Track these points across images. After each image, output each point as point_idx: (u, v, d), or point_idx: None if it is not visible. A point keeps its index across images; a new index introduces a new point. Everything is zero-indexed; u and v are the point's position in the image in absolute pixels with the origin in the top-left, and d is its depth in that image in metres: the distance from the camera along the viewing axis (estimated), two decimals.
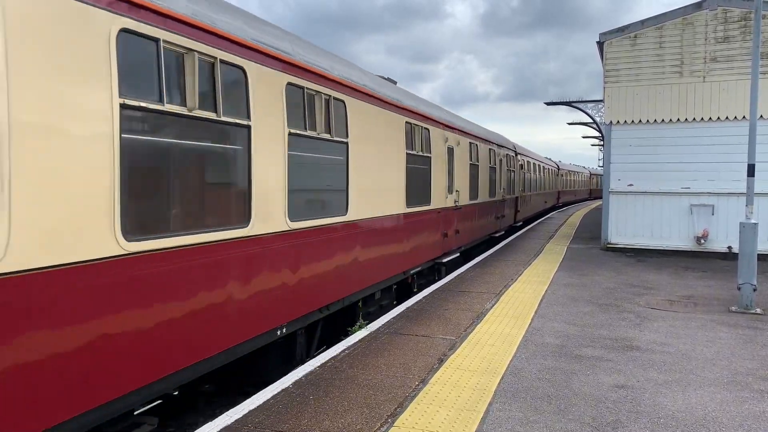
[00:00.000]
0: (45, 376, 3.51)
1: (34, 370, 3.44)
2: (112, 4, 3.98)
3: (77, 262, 3.71)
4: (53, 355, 3.55)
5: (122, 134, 4.05)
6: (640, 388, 5.48)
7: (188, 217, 4.89)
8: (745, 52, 14.12)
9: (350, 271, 7.81)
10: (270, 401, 5.04)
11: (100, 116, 3.88)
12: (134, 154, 4.23)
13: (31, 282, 3.40)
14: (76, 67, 3.71)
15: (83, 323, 3.75)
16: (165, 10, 4.42)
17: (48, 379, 3.53)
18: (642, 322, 8.03)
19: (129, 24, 4.11)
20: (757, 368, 6.11)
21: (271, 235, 5.83)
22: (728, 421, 4.76)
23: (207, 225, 5.04)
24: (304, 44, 6.90)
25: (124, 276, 4.07)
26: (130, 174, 4.16)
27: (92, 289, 3.83)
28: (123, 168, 4.07)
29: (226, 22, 5.23)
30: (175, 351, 4.61)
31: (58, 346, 3.58)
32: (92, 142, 3.82)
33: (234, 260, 5.30)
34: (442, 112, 12.93)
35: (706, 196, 14.82)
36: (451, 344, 6.82)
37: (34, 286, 3.43)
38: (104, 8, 3.91)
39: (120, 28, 4.03)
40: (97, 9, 3.85)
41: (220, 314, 5.10)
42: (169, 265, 4.50)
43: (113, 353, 3.99)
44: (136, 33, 4.18)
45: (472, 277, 11.50)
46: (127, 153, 4.10)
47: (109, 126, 3.95)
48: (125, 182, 4.10)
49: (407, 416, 4.77)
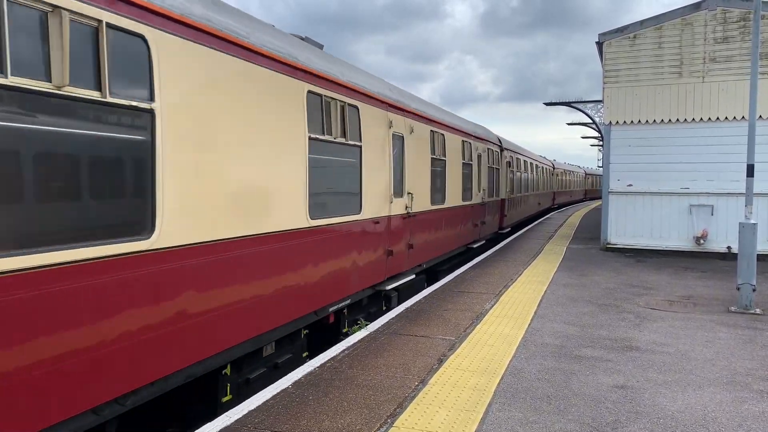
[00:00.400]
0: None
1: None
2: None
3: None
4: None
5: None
6: (639, 389, 5.48)
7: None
8: (744, 53, 14.14)
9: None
10: (269, 401, 5.04)
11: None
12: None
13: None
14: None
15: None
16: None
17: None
18: (641, 323, 8.03)
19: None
20: (756, 368, 6.11)
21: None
22: (727, 422, 4.76)
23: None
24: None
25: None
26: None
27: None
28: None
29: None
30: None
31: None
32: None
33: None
34: (386, 86, 9.75)
35: (706, 197, 14.83)
36: (450, 345, 6.82)
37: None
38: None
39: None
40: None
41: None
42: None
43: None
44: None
45: (472, 277, 11.50)
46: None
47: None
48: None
49: (407, 417, 4.77)
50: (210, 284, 5.11)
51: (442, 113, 13.01)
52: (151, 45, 4.42)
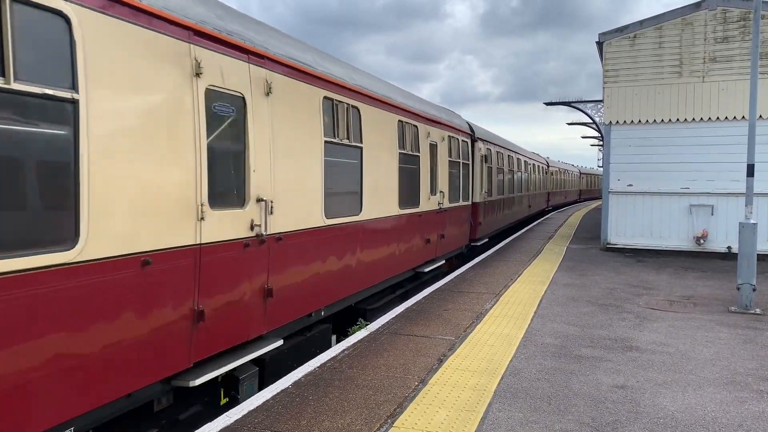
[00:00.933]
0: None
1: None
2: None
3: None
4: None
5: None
6: (639, 389, 5.48)
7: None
8: (744, 52, 14.13)
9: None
10: (269, 401, 5.04)
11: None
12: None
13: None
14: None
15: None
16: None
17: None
18: (641, 323, 8.03)
19: None
20: (756, 368, 6.11)
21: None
22: (728, 422, 4.75)
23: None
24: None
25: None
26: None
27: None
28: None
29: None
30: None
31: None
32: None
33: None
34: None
35: (706, 197, 14.82)
36: (450, 345, 6.82)
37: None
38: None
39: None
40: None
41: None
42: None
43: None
44: None
45: (472, 277, 11.49)
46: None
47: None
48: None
49: (407, 417, 4.77)
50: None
51: (358, 75, 8.54)
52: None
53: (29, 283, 3.50)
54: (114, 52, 4.13)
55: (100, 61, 3.99)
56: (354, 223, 8.12)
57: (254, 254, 5.74)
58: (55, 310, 3.70)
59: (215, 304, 5.20)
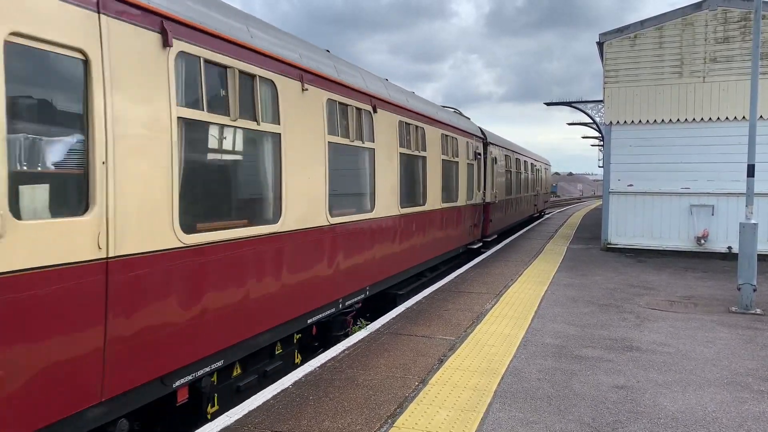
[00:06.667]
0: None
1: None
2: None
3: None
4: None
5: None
6: (640, 389, 5.48)
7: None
8: (744, 53, 14.12)
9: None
10: (270, 401, 5.04)
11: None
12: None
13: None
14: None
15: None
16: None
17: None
18: (642, 323, 8.03)
19: None
20: (757, 368, 6.11)
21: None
22: (728, 422, 4.75)
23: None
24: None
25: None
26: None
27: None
28: None
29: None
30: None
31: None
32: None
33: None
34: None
35: (706, 197, 14.81)
36: (450, 345, 6.82)
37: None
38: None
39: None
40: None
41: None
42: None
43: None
44: None
45: (472, 277, 11.49)
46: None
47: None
48: None
49: (407, 417, 4.77)
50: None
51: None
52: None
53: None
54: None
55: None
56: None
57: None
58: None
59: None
